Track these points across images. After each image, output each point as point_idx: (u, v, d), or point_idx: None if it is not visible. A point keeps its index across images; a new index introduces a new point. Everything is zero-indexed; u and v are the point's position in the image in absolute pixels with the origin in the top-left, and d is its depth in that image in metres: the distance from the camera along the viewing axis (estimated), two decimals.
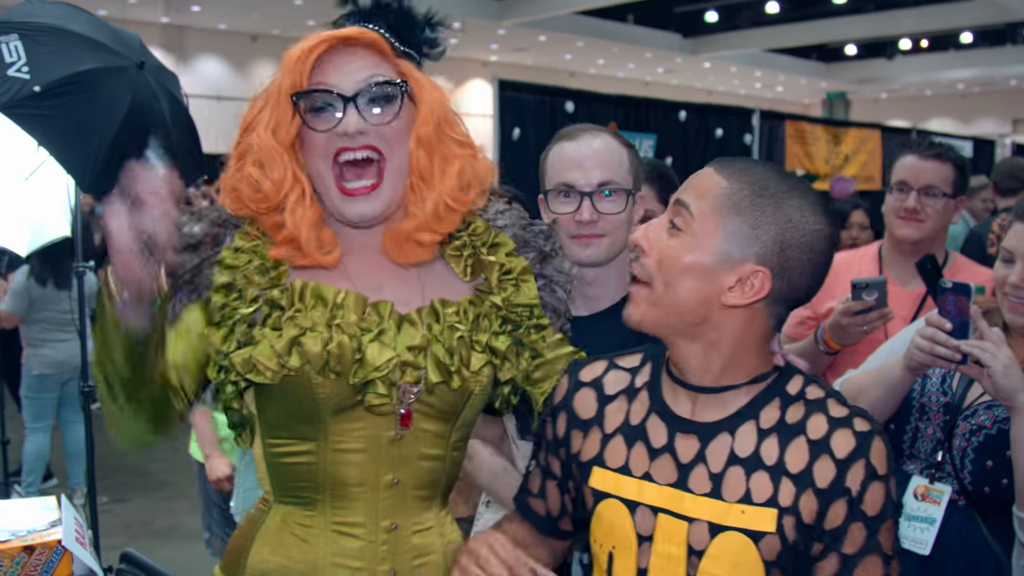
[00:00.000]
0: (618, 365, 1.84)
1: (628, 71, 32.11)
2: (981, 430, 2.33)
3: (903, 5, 24.10)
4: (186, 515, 6.78)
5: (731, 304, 1.61)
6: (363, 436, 1.78)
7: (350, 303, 1.76)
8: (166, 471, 7.79)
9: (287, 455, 1.81)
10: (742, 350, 1.66)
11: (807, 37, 27.00)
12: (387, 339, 1.75)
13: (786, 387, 1.68)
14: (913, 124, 17.61)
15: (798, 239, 1.60)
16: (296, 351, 1.70)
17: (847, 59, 31.94)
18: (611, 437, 1.76)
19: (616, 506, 1.71)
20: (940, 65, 30.73)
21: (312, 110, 1.78)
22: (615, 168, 2.34)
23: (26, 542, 2.16)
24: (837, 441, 1.58)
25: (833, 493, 1.57)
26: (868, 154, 12.24)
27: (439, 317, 1.81)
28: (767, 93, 37.48)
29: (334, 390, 1.73)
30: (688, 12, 25.35)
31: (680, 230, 1.63)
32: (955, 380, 2.45)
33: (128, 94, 3.88)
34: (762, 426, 1.64)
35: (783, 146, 10.88)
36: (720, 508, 1.61)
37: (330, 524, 1.81)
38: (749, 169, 1.65)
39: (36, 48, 3.73)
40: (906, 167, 3.24)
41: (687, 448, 1.67)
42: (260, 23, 23.91)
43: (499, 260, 1.90)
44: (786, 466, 1.60)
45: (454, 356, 1.79)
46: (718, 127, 9.97)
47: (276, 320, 1.74)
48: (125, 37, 4.15)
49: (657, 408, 1.73)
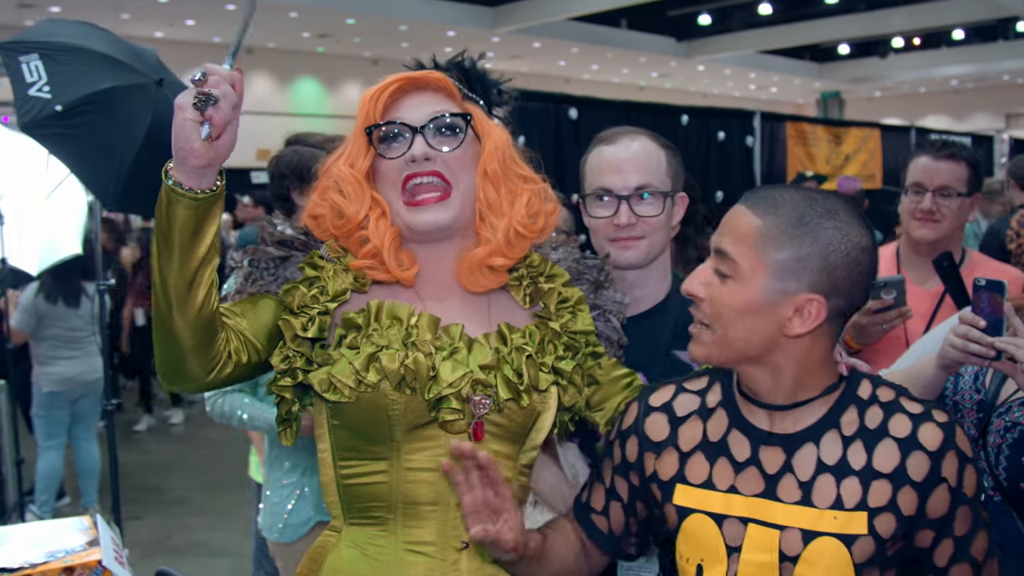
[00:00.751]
0: (686, 388, 1.89)
1: (623, 76, 32.14)
2: (1016, 427, 2.34)
3: (895, 4, 24.14)
4: (205, 531, 6.79)
5: (794, 334, 1.66)
6: (435, 455, 1.82)
7: (424, 323, 1.84)
8: (182, 488, 7.80)
9: (359, 475, 1.87)
10: (810, 369, 1.71)
11: (800, 37, 27.03)
12: (460, 357, 1.83)
13: (857, 392, 1.74)
14: (908, 121, 17.62)
15: (842, 259, 1.64)
16: (373, 367, 1.78)
17: (840, 58, 31.99)
18: (690, 455, 1.80)
19: (703, 520, 1.75)
20: (933, 62, 30.79)
21: (384, 141, 1.90)
22: (652, 171, 2.34)
23: (66, 563, 2.15)
24: (925, 436, 1.66)
25: (930, 484, 1.65)
26: (869, 153, 12.23)
27: (506, 340, 1.89)
28: (762, 94, 37.51)
29: (408, 407, 1.78)
30: (681, 16, 25.35)
31: (727, 275, 1.67)
32: (988, 377, 2.46)
33: (148, 111, 3.90)
34: (845, 433, 1.70)
35: (785, 147, 10.87)
36: (812, 515, 1.67)
37: (402, 543, 1.85)
38: (780, 200, 1.67)
39: (56, 67, 3.75)
40: (920, 168, 3.26)
41: (772, 459, 1.72)
42: (256, 36, 23.89)
43: (556, 288, 1.97)
44: (876, 469, 1.66)
45: (523, 376, 1.85)
46: (720, 130, 9.95)
47: (353, 340, 1.82)
48: (143, 54, 4.17)
49: (737, 424, 1.77)
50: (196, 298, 1.66)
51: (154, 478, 8.01)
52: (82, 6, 18.15)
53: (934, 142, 3.31)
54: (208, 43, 23.98)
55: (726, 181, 8.62)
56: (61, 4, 18.60)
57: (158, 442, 9.31)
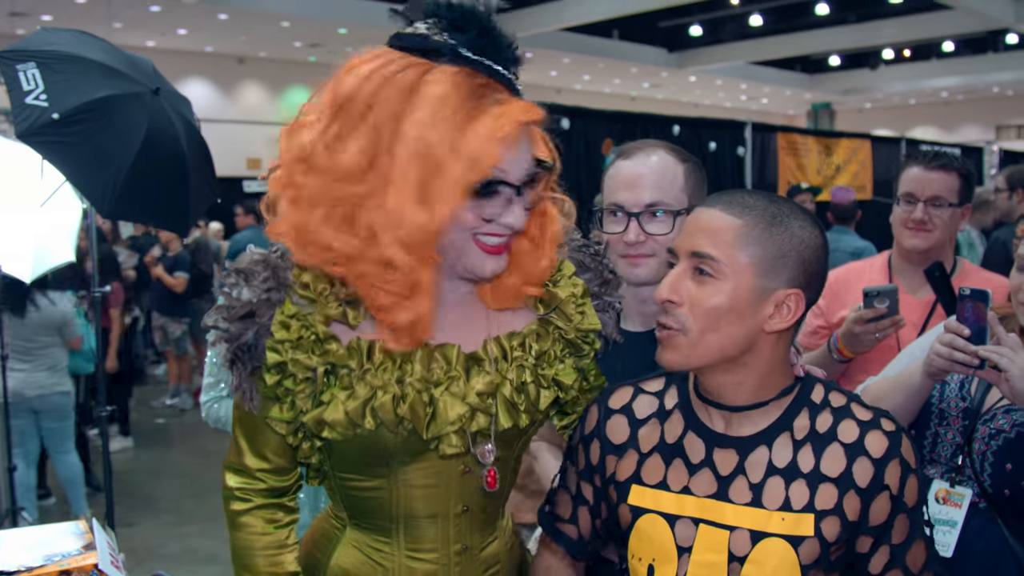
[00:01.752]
0: (644, 390, 1.90)
1: (614, 86, 32.20)
2: (1000, 434, 2.36)
3: (885, 15, 24.25)
4: (198, 539, 6.79)
5: (775, 330, 1.69)
6: (434, 473, 1.80)
7: (417, 356, 1.74)
8: (175, 496, 7.80)
9: (358, 489, 1.85)
10: (774, 368, 1.74)
11: (791, 49, 27.13)
12: (456, 388, 1.75)
13: (810, 396, 1.77)
14: (898, 133, 17.66)
15: (812, 254, 1.69)
16: (370, 413, 1.70)
17: (831, 70, 32.11)
18: (647, 456, 1.82)
19: (656, 520, 1.76)
20: (923, 74, 30.91)
21: (479, 195, 1.64)
22: (666, 188, 2.31)
23: (62, 567, 2.14)
24: (871, 443, 1.69)
25: (873, 490, 1.67)
26: (859, 164, 12.27)
27: (506, 353, 1.81)
28: (753, 105, 37.60)
29: (406, 443, 1.75)
30: (673, 27, 25.44)
31: (711, 276, 1.68)
32: (973, 385, 2.48)
33: (145, 120, 3.92)
34: (796, 436, 1.72)
35: (776, 158, 10.92)
36: (761, 516, 1.68)
37: (404, 550, 1.85)
38: (749, 202, 1.70)
39: (53, 76, 3.77)
40: (912, 178, 3.27)
41: (726, 461, 1.74)
42: (247, 45, 23.92)
43: (570, 290, 1.89)
44: (823, 472, 1.68)
45: (522, 395, 1.80)
46: (711, 140, 10.00)
47: (345, 379, 1.71)
48: (140, 63, 4.20)
49: (693, 426, 1.79)
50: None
51: (146, 488, 7.99)
52: (74, 15, 18.16)
53: (926, 152, 3.32)
54: (200, 52, 24.01)
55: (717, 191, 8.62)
56: (53, 13, 18.58)
57: (149, 450, 9.30)
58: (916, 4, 22.06)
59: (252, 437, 1.85)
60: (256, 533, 1.87)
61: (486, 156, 1.59)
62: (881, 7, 23.46)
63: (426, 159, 1.59)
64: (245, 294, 1.72)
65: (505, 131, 1.60)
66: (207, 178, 4.33)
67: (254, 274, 1.74)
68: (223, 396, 3.43)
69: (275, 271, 1.73)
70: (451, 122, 1.59)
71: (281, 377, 1.72)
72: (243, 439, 1.86)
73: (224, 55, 24.78)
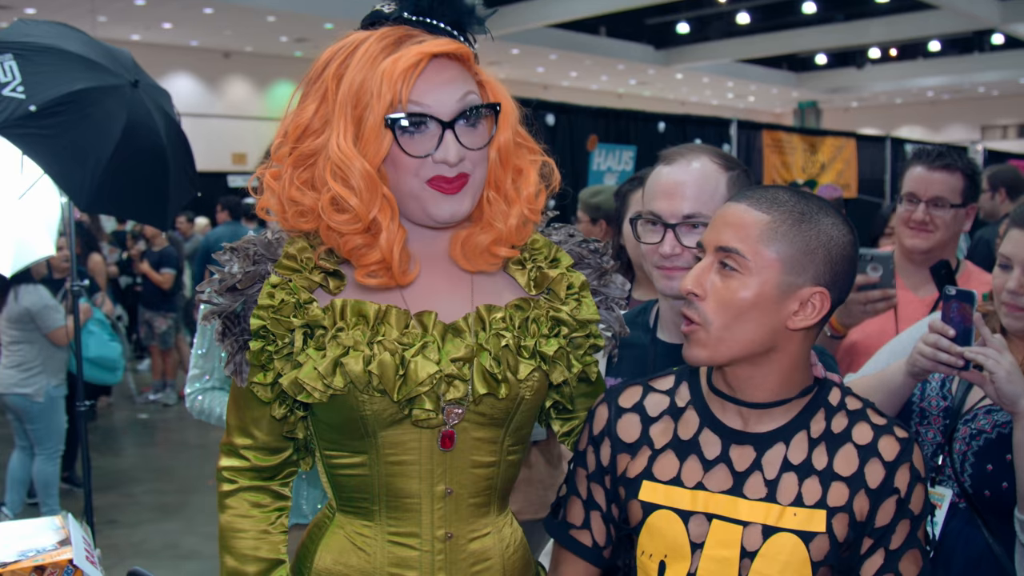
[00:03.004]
0: (654, 388, 1.89)
1: (601, 83, 32.24)
2: (981, 434, 2.36)
3: (872, 15, 24.34)
4: (179, 535, 6.77)
5: (798, 327, 1.69)
6: (414, 448, 1.78)
7: (392, 319, 1.75)
8: (157, 492, 7.77)
9: (342, 467, 1.84)
10: (797, 367, 1.75)
11: (778, 47, 27.20)
12: (430, 352, 1.73)
13: (828, 398, 1.78)
14: (884, 132, 17.73)
15: (841, 252, 1.69)
16: (339, 372, 1.70)
17: (818, 68, 32.22)
18: (660, 452, 1.81)
19: (669, 516, 1.76)
20: (909, 73, 31.05)
21: (406, 132, 1.69)
22: (706, 199, 2.20)
23: (37, 562, 2.13)
24: (884, 446, 1.71)
25: (882, 493, 1.70)
26: (844, 162, 12.33)
27: (485, 324, 1.79)
28: (739, 103, 37.72)
29: (381, 406, 1.73)
30: (660, 24, 25.48)
31: (736, 270, 1.68)
32: (955, 385, 2.48)
33: (123, 113, 3.89)
34: (812, 435, 1.73)
35: (761, 155, 10.96)
36: (774, 511, 1.70)
37: (386, 534, 1.82)
38: (779, 198, 1.71)
39: (31, 68, 3.73)
40: (915, 178, 3.24)
41: (742, 457, 1.75)
42: (232, 40, 23.87)
43: (565, 274, 1.89)
44: (836, 471, 1.70)
45: (500, 364, 1.77)
46: (697, 138, 10.02)
47: (319, 340, 1.74)
48: (119, 56, 4.16)
49: (708, 423, 1.79)
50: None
51: (127, 485, 7.96)
52: (58, 8, 18.08)
53: (930, 151, 3.29)
54: (185, 46, 23.95)
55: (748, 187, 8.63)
56: (36, 5, 18.52)
57: (133, 446, 9.27)
58: (903, 3, 22.14)
59: (241, 413, 1.88)
60: (239, 515, 1.89)
61: (391, 87, 1.65)
62: (868, 6, 23.55)
63: (351, 101, 1.69)
64: (235, 268, 1.80)
65: (409, 60, 1.66)
66: (187, 172, 4.31)
67: (246, 251, 1.81)
68: (208, 388, 3.40)
69: (267, 247, 1.81)
70: (370, 64, 1.69)
71: (264, 343, 1.76)
72: (233, 416, 1.90)
73: (209, 49, 24.73)
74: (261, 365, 1.78)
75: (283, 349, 1.75)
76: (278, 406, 1.82)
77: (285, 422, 1.85)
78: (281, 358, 1.75)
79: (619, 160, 8.92)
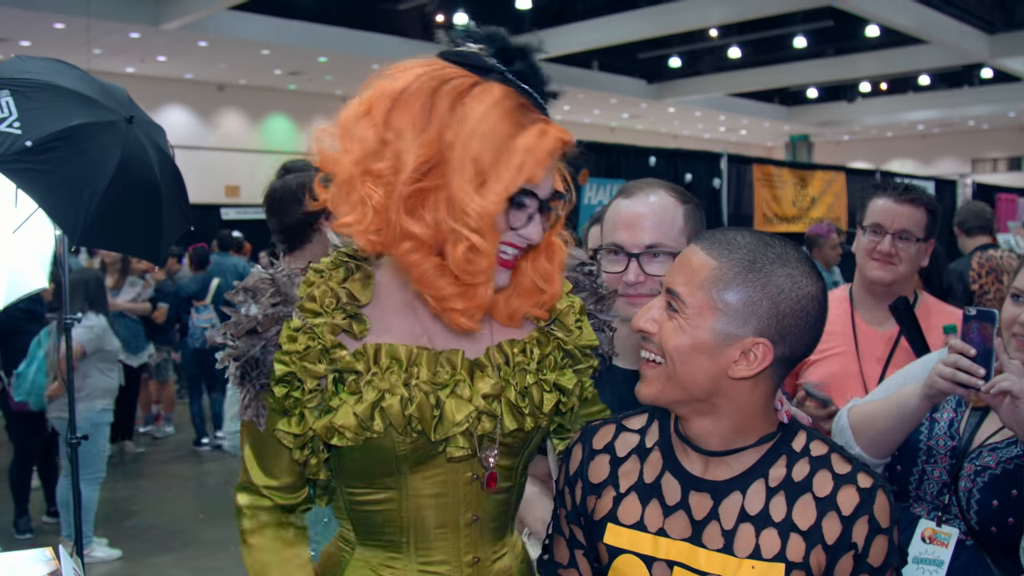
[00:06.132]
0: (626, 427, 1.89)
1: (594, 117, 32.36)
2: (986, 471, 2.35)
3: (862, 49, 24.50)
4: (171, 568, 6.75)
5: (738, 376, 1.66)
6: (441, 481, 1.81)
7: (423, 360, 1.77)
8: (147, 524, 7.74)
9: (368, 503, 1.85)
10: (749, 415, 1.71)
11: (769, 81, 27.37)
12: (462, 391, 1.77)
13: (791, 444, 1.74)
14: (875, 165, 17.84)
15: (791, 307, 1.64)
16: (379, 415, 1.72)
17: (809, 102, 32.42)
18: (625, 495, 1.80)
19: (633, 561, 1.75)
20: (900, 107, 31.22)
21: (515, 205, 1.71)
22: (666, 229, 2.31)
23: None
24: (842, 498, 1.66)
25: (839, 549, 1.64)
26: (834, 196, 12.39)
27: (508, 359, 1.83)
28: (731, 136, 37.86)
29: (415, 446, 1.76)
30: (652, 58, 25.62)
31: (677, 313, 1.67)
32: (962, 424, 2.47)
33: (118, 148, 3.89)
34: (770, 484, 1.70)
35: (751, 189, 11.00)
36: (732, 563, 1.67)
37: (416, 564, 1.84)
38: (734, 243, 1.68)
39: (27, 103, 3.74)
40: (881, 210, 3.21)
41: (701, 505, 1.72)
42: (227, 73, 23.95)
43: (568, 303, 1.93)
44: (795, 523, 1.66)
45: (526, 399, 1.82)
46: (687, 172, 10.09)
47: (353, 384, 1.74)
48: (114, 91, 4.18)
49: (670, 467, 1.78)
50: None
51: (116, 514, 7.93)
52: (53, 41, 18.16)
53: (896, 184, 3.27)
54: (179, 79, 24.02)
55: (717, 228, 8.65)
56: (32, 39, 18.59)
57: (123, 478, 9.23)
58: (893, 38, 22.28)
59: (260, 454, 1.87)
60: (265, 551, 1.89)
61: (530, 164, 1.67)
62: (858, 41, 23.68)
63: (481, 155, 1.65)
64: (252, 310, 1.77)
65: (549, 146, 1.69)
66: (181, 207, 4.31)
67: (261, 291, 1.80)
68: None
69: (281, 288, 1.79)
70: (501, 127, 1.67)
71: (289, 389, 1.75)
72: (252, 457, 1.89)
73: (204, 82, 24.81)
74: (284, 410, 1.78)
75: (311, 395, 1.74)
76: (300, 450, 1.81)
77: (307, 466, 1.84)
78: (311, 406, 1.75)
79: (610, 194, 8.91)
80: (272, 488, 1.87)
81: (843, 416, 2.63)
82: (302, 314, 1.76)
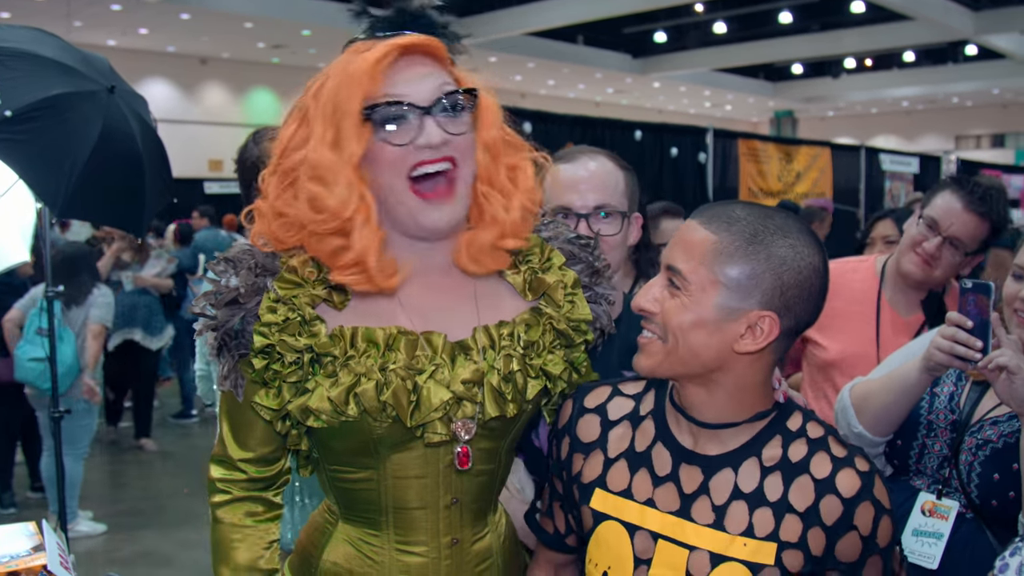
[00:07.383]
0: (622, 392, 1.87)
1: (578, 91, 32.34)
2: (987, 444, 2.35)
3: (847, 25, 24.49)
4: (154, 542, 6.73)
5: (744, 351, 1.64)
6: (421, 463, 1.79)
7: (401, 344, 1.73)
8: (131, 499, 7.74)
9: (348, 481, 1.84)
10: (748, 389, 1.69)
11: (754, 56, 27.34)
12: (441, 376, 1.73)
13: (786, 423, 1.72)
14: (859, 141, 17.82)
15: (795, 278, 1.61)
16: (353, 400, 1.69)
17: (794, 78, 32.41)
18: (614, 461, 1.79)
19: (616, 528, 1.75)
20: (884, 83, 31.26)
21: (386, 123, 1.69)
22: (611, 191, 2.34)
23: (10, 568, 2.12)
24: (842, 481, 1.64)
25: (839, 529, 1.63)
26: (819, 171, 12.37)
27: (494, 342, 1.79)
28: (716, 112, 37.88)
29: (391, 430, 1.73)
30: (637, 33, 25.56)
31: (679, 289, 1.64)
32: (963, 398, 2.46)
33: (99, 118, 3.85)
34: (764, 463, 1.68)
35: (737, 164, 10.99)
36: (723, 539, 1.65)
37: (394, 543, 1.83)
38: (734, 216, 1.65)
39: (6, 73, 3.70)
40: (943, 208, 3.03)
41: (691, 479, 1.71)
42: (209, 46, 23.82)
43: (560, 279, 1.88)
44: (791, 503, 1.65)
45: (509, 384, 1.77)
46: (673, 146, 10.06)
47: (329, 367, 1.72)
48: (95, 61, 4.13)
49: (662, 437, 1.76)
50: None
51: (103, 490, 7.92)
52: (34, 13, 18.01)
53: (974, 187, 3.02)
54: (161, 52, 23.87)
55: (679, 197, 8.65)
56: (12, 10, 18.42)
57: (106, 452, 9.21)
58: (878, 14, 22.26)
59: (237, 426, 1.86)
60: (234, 526, 1.88)
61: (366, 80, 1.66)
62: (843, 16, 23.68)
63: (329, 107, 1.69)
64: (233, 281, 1.75)
65: (378, 52, 1.68)
66: (163, 178, 4.27)
67: (242, 262, 1.77)
68: None
69: (266, 258, 1.77)
70: (343, 69, 1.70)
71: (269, 361, 1.73)
72: (228, 429, 1.87)
73: (186, 55, 24.67)
74: (263, 382, 1.75)
75: (290, 369, 1.72)
76: (281, 423, 1.79)
77: (288, 437, 1.83)
78: (289, 382, 1.73)
79: None
80: (246, 460, 1.86)
81: (845, 394, 2.61)
82: (281, 285, 1.74)
